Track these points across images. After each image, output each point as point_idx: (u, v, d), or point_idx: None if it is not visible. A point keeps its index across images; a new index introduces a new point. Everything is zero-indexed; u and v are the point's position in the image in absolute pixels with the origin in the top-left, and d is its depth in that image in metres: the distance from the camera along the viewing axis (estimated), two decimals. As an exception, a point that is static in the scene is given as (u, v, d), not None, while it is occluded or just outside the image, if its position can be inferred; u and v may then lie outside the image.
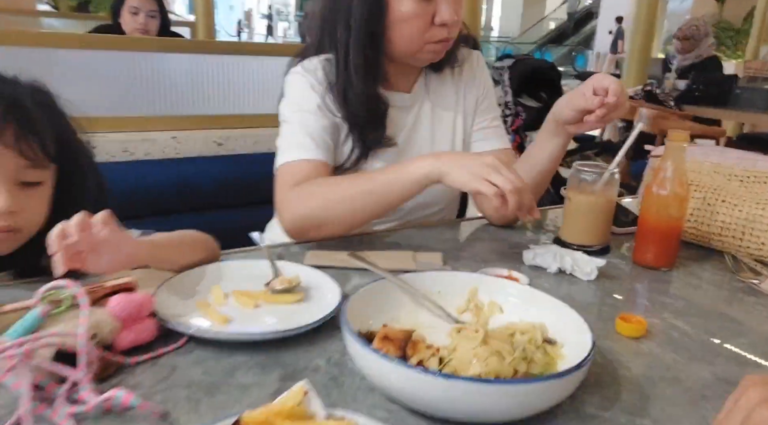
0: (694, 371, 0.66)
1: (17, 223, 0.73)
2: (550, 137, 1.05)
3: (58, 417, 0.51)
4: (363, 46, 1.02)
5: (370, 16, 1.00)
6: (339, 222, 0.97)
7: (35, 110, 0.75)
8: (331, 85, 1.05)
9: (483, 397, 0.52)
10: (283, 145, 1.06)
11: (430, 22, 0.99)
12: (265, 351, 0.65)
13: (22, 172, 0.73)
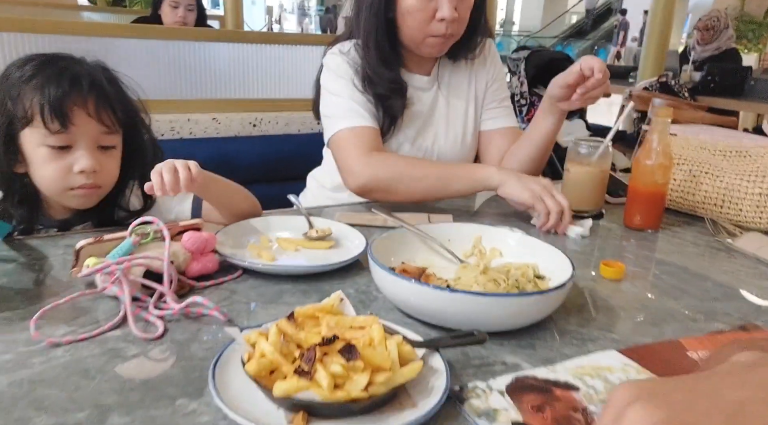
0: (660, 303, 0.80)
1: (99, 180, 0.89)
2: (545, 115, 1.18)
3: (150, 317, 0.67)
4: (379, 32, 1.16)
5: (385, 6, 1.14)
6: (405, 193, 1.11)
7: (107, 85, 0.91)
8: (358, 66, 1.19)
9: (479, 306, 0.66)
10: (337, 113, 1.18)
11: (431, 16, 1.11)
12: (306, 282, 0.80)
13: (101, 137, 0.89)
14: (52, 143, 0.85)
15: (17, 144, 0.86)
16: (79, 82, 0.85)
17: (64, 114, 0.83)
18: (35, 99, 0.83)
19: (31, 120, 0.84)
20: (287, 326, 0.58)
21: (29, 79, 0.85)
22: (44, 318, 0.65)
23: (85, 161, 0.86)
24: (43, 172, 0.87)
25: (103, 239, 0.73)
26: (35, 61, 0.87)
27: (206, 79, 1.60)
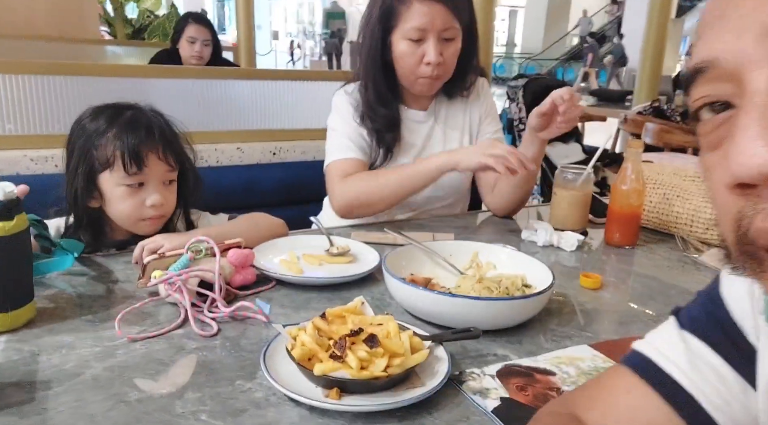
0: (630, 308, 0.94)
1: (164, 211, 1.05)
2: (528, 145, 1.32)
3: (206, 319, 0.81)
4: (377, 74, 1.33)
5: (382, 51, 1.31)
6: (379, 202, 1.27)
7: (167, 129, 1.07)
8: (359, 104, 1.36)
9: (475, 309, 0.80)
10: (330, 148, 1.37)
11: (419, 60, 1.27)
12: (329, 291, 0.95)
13: (166, 175, 1.05)
14: (129, 182, 1.01)
15: (96, 184, 1.03)
16: (151, 131, 1.02)
17: (140, 159, 0.99)
18: (116, 147, 0.99)
19: (112, 165, 1.00)
20: (321, 322, 0.72)
21: (107, 130, 1.01)
22: (121, 320, 0.80)
23: (156, 197, 1.02)
24: (120, 207, 1.02)
25: (165, 255, 0.88)
26: (105, 112, 1.04)
27: (230, 113, 1.76)
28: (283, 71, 2.05)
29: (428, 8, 1.23)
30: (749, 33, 0.31)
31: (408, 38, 1.26)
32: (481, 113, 1.47)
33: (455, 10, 1.25)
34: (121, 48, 3.53)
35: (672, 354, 0.50)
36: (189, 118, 1.71)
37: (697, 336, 0.50)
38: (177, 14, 4.83)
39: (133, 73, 1.57)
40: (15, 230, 0.73)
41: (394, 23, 1.28)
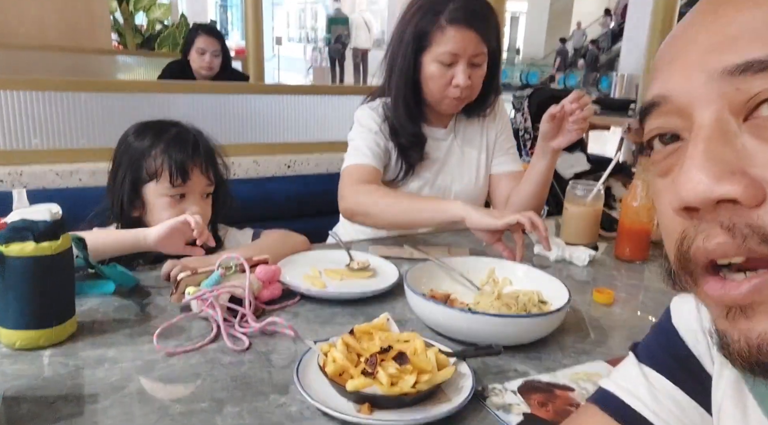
0: (643, 323, 0.98)
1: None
2: (540, 157, 1.36)
3: (237, 334, 0.85)
4: (407, 91, 1.36)
5: (413, 71, 1.35)
6: (378, 217, 1.28)
7: (209, 145, 1.12)
8: (385, 120, 1.39)
9: (494, 326, 0.84)
10: (348, 154, 1.40)
11: (448, 82, 1.31)
12: (352, 306, 0.99)
13: (205, 188, 1.11)
14: (173, 193, 1.07)
15: (140, 193, 1.08)
16: (197, 147, 1.08)
17: (185, 172, 1.06)
18: (165, 160, 1.05)
19: (159, 176, 1.06)
20: (350, 339, 0.76)
21: (153, 145, 1.07)
22: (158, 335, 0.84)
23: (195, 208, 1.08)
24: (162, 216, 1.07)
25: (197, 271, 0.92)
26: (152, 129, 1.10)
27: (246, 127, 1.80)
28: (296, 86, 2.09)
29: (462, 35, 1.27)
30: (696, 78, 0.35)
31: (439, 61, 1.30)
32: (497, 130, 1.51)
33: (485, 36, 1.30)
34: (132, 58, 3.58)
35: (634, 388, 0.53)
36: (206, 131, 1.77)
37: (655, 368, 0.53)
38: (186, 24, 4.88)
39: (152, 89, 1.62)
40: (61, 248, 0.76)
41: (426, 45, 1.32)
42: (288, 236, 1.18)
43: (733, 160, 0.33)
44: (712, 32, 0.35)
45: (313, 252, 1.18)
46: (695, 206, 0.34)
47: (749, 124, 0.33)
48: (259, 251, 1.04)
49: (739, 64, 0.33)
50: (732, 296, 0.34)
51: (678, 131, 0.37)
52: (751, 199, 0.32)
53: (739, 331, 0.34)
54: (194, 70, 2.82)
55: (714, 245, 0.34)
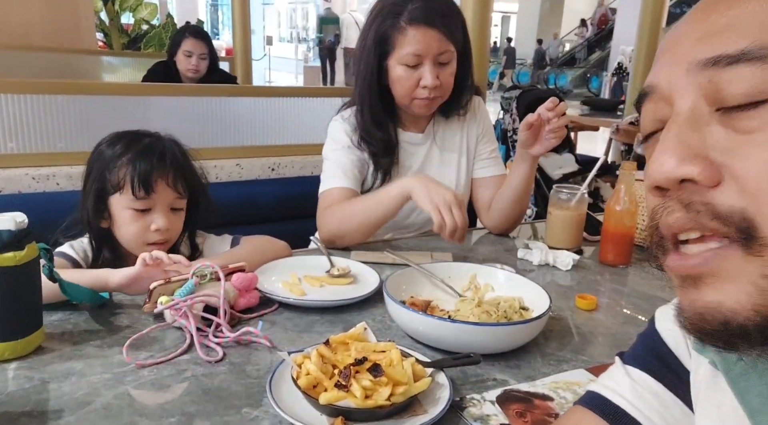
0: (625, 330, 0.97)
1: (169, 236, 1.07)
2: (519, 163, 1.35)
3: (211, 344, 0.83)
4: (373, 98, 1.35)
5: (378, 76, 1.33)
6: (353, 233, 1.26)
7: (181, 158, 1.09)
8: (356, 129, 1.37)
9: (475, 335, 0.82)
10: (323, 177, 1.39)
11: (416, 84, 1.29)
12: (331, 314, 0.97)
13: (174, 202, 1.07)
14: (136, 206, 1.03)
15: (106, 205, 1.05)
16: (163, 159, 1.04)
17: (149, 185, 1.02)
18: (128, 172, 1.02)
19: (122, 188, 1.02)
20: (325, 350, 0.74)
21: (122, 155, 1.04)
22: (129, 346, 0.81)
23: (161, 221, 1.04)
24: (126, 229, 1.04)
25: (171, 280, 0.90)
26: (124, 139, 1.07)
27: (229, 129, 1.78)
28: (281, 88, 2.07)
29: (423, 34, 1.25)
30: (679, 68, 0.38)
31: (404, 64, 1.28)
32: (478, 133, 1.49)
33: (449, 34, 1.27)
34: (117, 58, 3.54)
35: (617, 387, 0.56)
36: (189, 134, 1.73)
37: (639, 367, 0.56)
38: (173, 24, 4.83)
39: (133, 92, 1.59)
40: (26, 259, 0.74)
41: (389, 49, 1.30)
42: (268, 242, 1.16)
43: (698, 145, 0.36)
44: (698, 28, 0.38)
45: (293, 258, 1.16)
46: (662, 185, 0.38)
47: (720, 113, 0.36)
48: (236, 258, 1.02)
49: (710, 58, 0.36)
50: (685, 267, 0.38)
51: (667, 117, 0.40)
52: (708, 180, 0.35)
53: (689, 301, 0.38)
54: (181, 72, 2.79)
55: (673, 220, 0.38)
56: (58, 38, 3.26)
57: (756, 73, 0.34)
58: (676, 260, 0.39)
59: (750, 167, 0.34)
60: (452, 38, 1.29)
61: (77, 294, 0.87)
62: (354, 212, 1.26)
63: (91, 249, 1.09)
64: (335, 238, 1.28)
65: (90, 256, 1.08)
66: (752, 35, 0.34)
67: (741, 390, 0.43)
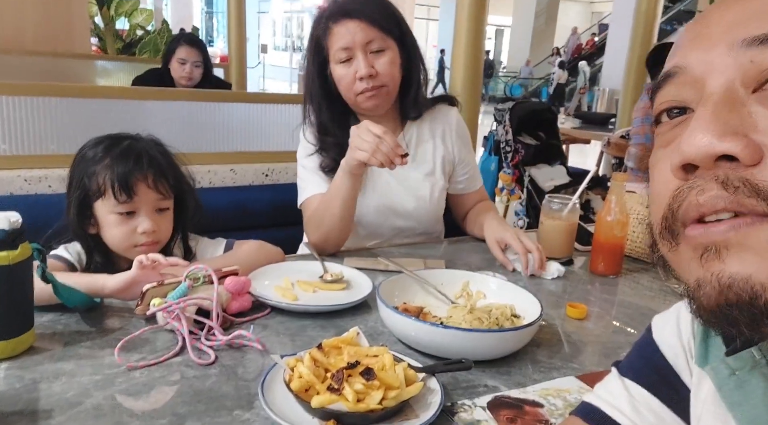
0: (614, 339, 0.97)
1: (157, 237, 1.07)
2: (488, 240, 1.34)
3: (203, 347, 0.83)
4: (322, 104, 1.35)
5: (318, 85, 1.34)
6: (333, 228, 1.26)
7: (161, 158, 1.09)
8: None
9: (466, 341, 0.83)
10: (300, 185, 1.39)
11: (353, 78, 1.28)
12: (323, 318, 0.97)
13: (158, 203, 1.06)
14: (120, 210, 1.03)
15: (91, 211, 1.04)
16: (140, 161, 1.03)
17: (129, 188, 1.01)
18: (107, 176, 1.01)
19: (104, 193, 1.02)
20: (318, 354, 0.74)
21: (101, 160, 1.03)
22: (121, 348, 0.81)
23: (147, 224, 1.04)
24: (114, 233, 1.04)
25: (164, 282, 0.90)
26: (104, 143, 1.06)
27: (223, 135, 1.78)
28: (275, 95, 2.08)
29: (345, 27, 1.27)
30: (716, 49, 0.38)
31: (338, 61, 1.29)
32: (456, 147, 1.46)
33: (375, 22, 1.27)
34: (112, 63, 3.54)
35: (615, 401, 0.56)
36: (182, 140, 1.74)
37: (637, 381, 0.55)
38: (169, 30, 4.84)
39: (126, 95, 1.59)
40: (19, 259, 0.74)
41: (324, 54, 1.31)
42: (262, 247, 1.16)
43: (737, 123, 0.35)
44: (735, 11, 0.39)
45: (286, 263, 1.16)
46: (696, 161, 0.36)
47: (757, 95, 0.36)
48: (229, 262, 1.02)
49: (758, 36, 0.36)
50: (711, 234, 0.36)
51: (687, 103, 0.40)
52: (748, 158, 0.34)
53: (712, 273, 0.36)
54: (175, 79, 2.80)
55: (705, 198, 0.36)
56: (51, 42, 3.25)
57: None
58: (700, 229, 0.37)
59: None
60: (380, 26, 1.27)
61: (71, 298, 0.86)
62: (324, 209, 1.27)
63: (83, 253, 1.08)
64: (321, 243, 1.28)
65: (84, 259, 1.08)
66: None
67: (734, 404, 0.43)
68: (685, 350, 0.52)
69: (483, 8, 2.25)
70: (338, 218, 1.26)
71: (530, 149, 3.40)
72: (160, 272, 0.92)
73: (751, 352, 0.43)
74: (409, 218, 1.41)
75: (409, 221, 1.41)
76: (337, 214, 1.25)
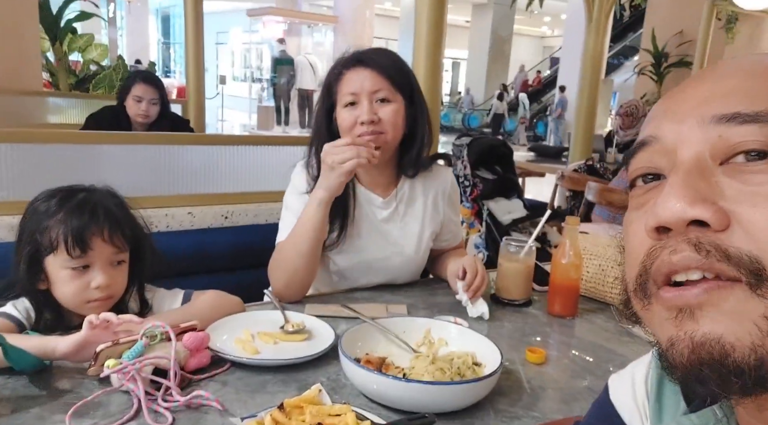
0: (572, 383, 0.99)
1: (111, 292, 1.03)
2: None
3: (160, 409, 0.81)
4: (320, 143, 1.34)
5: (326, 125, 1.37)
6: (297, 271, 1.26)
7: (117, 210, 1.06)
8: (315, 177, 1.37)
9: (429, 394, 0.83)
10: (280, 226, 1.38)
11: (355, 122, 1.30)
12: (285, 372, 0.96)
13: (113, 256, 1.03)
14: (73, 265, 0.99)
15: (42, 267, 1.01)
16: (96, 214, 1.00)
17: (84, 242, 0.98)
18: (60, 231, 0.98)
19: (56, 248, 0.98)
20: (279, 415, 0.74)
21: (54, 214, 1.00)
22: (72, 414, 0.78)
23: (101, 278, 1.00)
24: (65, 289, 1.00)
25: (119, 342, 0.87)
26: (58, 196, 1.03)
27: (181, 177, 1.75)
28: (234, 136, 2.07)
29: (356, 74, 1.31)
30: (687, 122, 0.42)
31: (344, 105, 1.31)
32: (443, 214, 1.48)
33: (385, 74, 1.30)
34: (65, 100, 3.45)
35: None
36: (139, 183, 1.72)
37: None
38: (124, 66, 4.77)
39: (80, 140, 1.56)
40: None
41: (334, 98, 1.34)
42: (221, 297, 1.14)
43: (706, 191, 0.39)
44: (707, 88, 0.42)
45: (246, 314, 1.14)
46: (669, 225, 0.39)
47: (724, 167, 0.40)
48: (187, 316, 1.00)
49: (727, 114, 0.40)
50: (686, 297, 0.38)
51: (660, 170, 0.43)
52: (717, 223, 0.38)
53: (685, 332, 0.38)
54: (131, 117, 2.75)
55: (679, 258, 0.39)
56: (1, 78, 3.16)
57: (764, 131, 0.38)
58: (674, 292, 0.39)
59: (758, 216, 0.37)
60: (390, 79, 1.31)
61: (20, 361, 0.83)
62: (289, 249, 1.27)
63: (32, 310, 1.04)
64: (283, 289, 1.28)
65: (33, 316, 1.03)
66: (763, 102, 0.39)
67: None
68: (639, 410, 0.54)
69: (440, 42, 2.31)
70: (305, 254, 1.26)
71: (488, 183, 3.47)
72: (113, 330, 0.89)
73: (714, 410, 0.45)
74: (391, 272, 1.42)
75: (390, 275, 1.43)
76: (305, 250, 1.26)
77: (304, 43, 16.60)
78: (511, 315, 1.30)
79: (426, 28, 2.28)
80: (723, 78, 0.42)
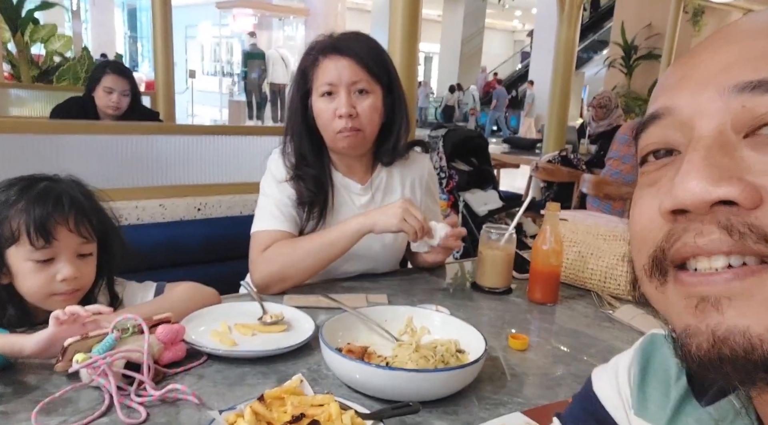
0: (555, 369, 0.99)
1: (78, 285, 0.99)
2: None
3: (133, 404, 0.77)
4: (302, 134, 1.34)
5: (302, 113, 1.33)
6: (299, 274, 1.25)
7: (83, 200, 1.01)
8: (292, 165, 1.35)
9: (412, 382, 0.81)
10: (258, 214, 1.35)
11: (333, 115, 1.28)
12: (264, 364, 0.93)
13: (80, 247, 0.98)
14: (37, 257, 0.94)
15: (3, 259, 0.95)
16: (60, 202, 0.95)
17: (48, 232, 0.93)
18: (22, 221, 0.93)
19: (18, 239, 0.93)
20: (259, 407, 0.71)
21: (15, 203, 0.94)
22: (39, 412, 0.74)
23: (67, 270, 0.96)
24: (29, 283, 0.95)
25: (88, 335, 0.83)
26: (18, 185, 0.97)
27: (152, 169, 1.70)
28: (207, 126, 2.02)
29: (335, 63, 1.27)
30: (706, 92, 0.37)
31: (321, 94, 1.28)
32: (421, 203, 1.46)
33: (364, 64, 1.27)
34: (27, 92, 3.32)
35: None
36: (107, 175, 1.66)
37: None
38: (90, 57, 4.62)
39: (44, 130, 1.49)
40: None
41: (310, 86, 1.31)
42: (195, 289, 1.10)
43: (731, 167, 0.35)
44: (726, 53, 0.37)
45: (222, 306, 1.11)
46: (690, 207, 0.35)
47: (748, 140, 0.35)
48: (161, 308, 0.96)
49: (752, 82, 0.35)
50: (714, 284, 0.35)
51: (675, 145, 0.39)
52: (748, 201, 0.33)
53: (707, 325, 0.35)
54: (100, 108, 2.66)
55: (706, 242, 0.35)
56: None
57: None
58: (698, 276, 0.36)
59: None
60: (369, 70, 1.28)
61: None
62: (302, 256, 1.24)
63: None
64: (274, 283, 1.25)
65: None
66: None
67: None
68: (623, 401, 0.54)
69: (415, 33, 2.30)
70: (311, 272, 1.27)
71: (464, 175, 3.48)
72: (82, 323, 0.85)
73: (731, 401, 0.42)
74: (372, 260, 1.41)
75: (370, 262, 1.41)
76: (313, 270, 1.26)
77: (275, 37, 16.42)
78: (492, 303, 1.29)
79: (401, 19, 2.26)
80: (743, 40, 0.37)
